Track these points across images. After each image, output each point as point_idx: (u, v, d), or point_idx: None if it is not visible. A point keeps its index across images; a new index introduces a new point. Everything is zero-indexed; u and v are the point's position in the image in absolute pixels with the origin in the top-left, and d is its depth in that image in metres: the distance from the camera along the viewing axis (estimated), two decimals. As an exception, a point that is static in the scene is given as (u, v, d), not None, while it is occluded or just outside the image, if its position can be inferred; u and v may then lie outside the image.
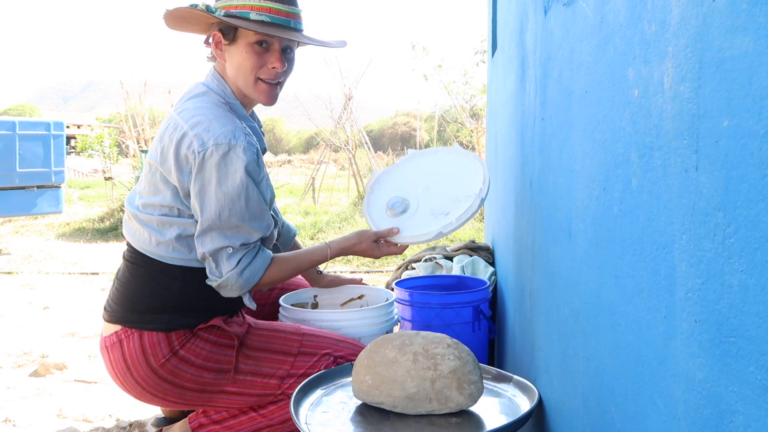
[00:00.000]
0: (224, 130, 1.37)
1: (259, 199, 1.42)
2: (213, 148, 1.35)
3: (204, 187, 1.37)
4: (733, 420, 0.43)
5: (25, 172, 6.26)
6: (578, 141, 0.88)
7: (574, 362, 0.89)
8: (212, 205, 1.37)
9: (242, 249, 1.42)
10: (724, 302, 0.45)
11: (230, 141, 1.36)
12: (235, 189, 1.37)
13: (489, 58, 3.40)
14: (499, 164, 2.33)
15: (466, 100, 8.70)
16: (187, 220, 1.43)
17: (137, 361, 1.42)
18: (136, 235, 1.47)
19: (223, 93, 1.48)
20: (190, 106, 1.44)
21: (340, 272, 4.64)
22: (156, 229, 1.43)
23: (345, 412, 1.14)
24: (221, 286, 1.42)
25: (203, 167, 1.36)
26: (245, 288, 1.43)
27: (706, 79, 0.48)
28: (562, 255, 0.98)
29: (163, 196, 1.43)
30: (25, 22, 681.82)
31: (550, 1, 1.13)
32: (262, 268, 1.45)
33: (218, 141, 1.35)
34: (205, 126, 1.37)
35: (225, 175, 1.36)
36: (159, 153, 1.42)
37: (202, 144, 1.35)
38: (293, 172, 16.21)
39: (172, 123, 1.43)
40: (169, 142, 1.40)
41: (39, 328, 3.18)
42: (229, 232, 1.39)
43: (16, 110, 39.67)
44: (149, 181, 1.46)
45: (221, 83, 1.49)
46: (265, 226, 1.45)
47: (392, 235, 1.60)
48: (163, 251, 1.43)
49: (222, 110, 1.43)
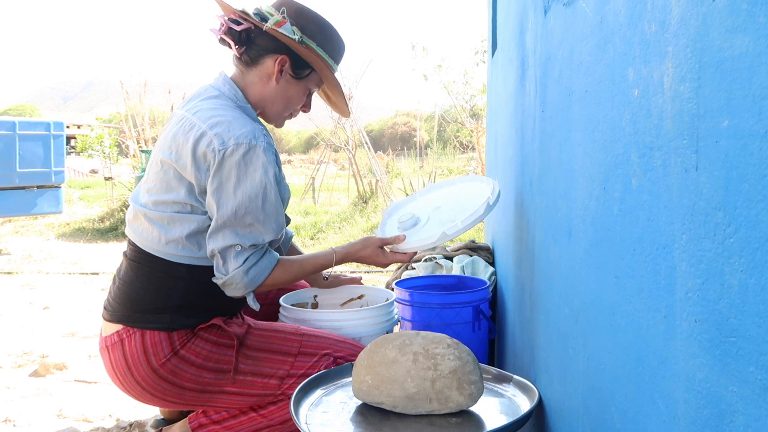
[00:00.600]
0: (245, 131, 1.38)
1: (277, 200, 1.43)
2: (234, 147, 1.36)
3: (222, 185, 1.38)
4: (733, 420, 0.43)
5: (25, 172, 6.26)
6: (578, 141, 0.88)
7: (574, 362, 0.89)
8: (229, 203, 1.38)
9: (251, 249, 1.42)
10: (724, 302, 0.45)
11: (251, 141, 1.37)
12: (254, 188, 1.38)
13: (489, 58, 3.40)
14: (499, 164, 2.33)
15: (466, 100, 8.70)
16: (200, 217, 1.43)
17: (138, 360, 1.42)
18: (143, 234, 1.46)
19: (235, 97, 1.50)
20: (206, 106, 1.44)
21: (340, 272, 4.64)
22: (166, 227, 1.43)
23: (345, 412, 1.14)
24: (226, 283, 1.42)
25: (222, 165, 1.37)
26: (249, 287, 1.44)
27: (706, 79, 0.48)
28: (562, 255, 0.98)
29: (177, 192, 1.43)
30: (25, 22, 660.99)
31: (550, 1, 1.13)
32: (268, 268, 1.46)
33: (239, 140, 1.36)
34: (225, 126, 1.38)
35: (245, 174, 1.38)
36: (173, 151, 1.42)
37: (223, 143, 1.36)
38: (293, 172, 16.20)
39: (187, 122, 1.43)
40: (184, 140, 1.40)
41: (39, 328, 3.18)
42: (242, 230, 1.40)
43: (16, 110, 39.67)
44: (161, 179, 1.45)
45: (233, 88, 1.50)
46: (278, 228, 1.46)
47: (399, 242, 1.62)
48: (171, 249, 1.43)
49: (239, 113, 1.45)
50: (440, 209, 1.74)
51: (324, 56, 1.51)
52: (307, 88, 1.56)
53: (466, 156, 11.13)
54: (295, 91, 1.54)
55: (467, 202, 1.69)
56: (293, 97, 1.55)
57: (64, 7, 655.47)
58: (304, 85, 1.54)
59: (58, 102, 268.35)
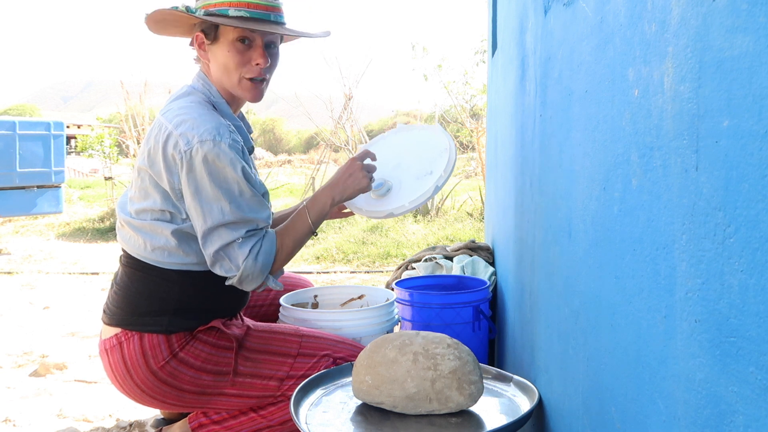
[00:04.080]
0: (208, 127, 1.36)
1: (254, 192, 1.41)
2: (198, 145, 1.34)
3: (198, 189, 1.36)
4: (733, 420, 0.43)
5: (25, 172, 6.26)
6: (578, 141, 0.88)
7: (574, 362, 0.89)
8: (213, 205, 1.37)
9: (250, 237, 1.40)
10: (724, 302, 0.45)
11: (215, 137, 1.35)
12: (229, 183, 1.37)
13: (489, 58, 3.40)
14: (499, 164, 2.33)
15: (466, 100, 8.70)
16: (181, 225, 1.41)
17: (137, 363, 1.42)
18: (130, 242, 1.46)
19: (208, 92, 1.48)
20: (175, 106, 1.44)
21: (340, 272, 4.64)
22: (150, 234, 1.42)
23: (345, 412, 1.14)
24: (242, 278, 1.40)
25: (192, 167, 1.36)
26: (265, 271, 1.42)
27: (706, 79, 0.48)
28: (562, 255, 0.98)
29: (154, 200, 1.41)
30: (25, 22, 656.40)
31: (550, 1, 1.13)
32: (273, 245, 1.45)
33: (203, 137, 1.35)
34: (189, 124, 1.36)
35: (215, 171, 1.36)
36: (146, 156, 1.41)
37: (188, 143, 1.35)
38: (293, 172, 16.20)
39: (157, 125, 1.43)
40: (155, 143, 1.39)
41: (39, 328, 3.18)
42: (234, 225, 1.39)
43: (16, 110, 39.65)
44: (139, 186, 1.45)
45: (206, 83, 1.49)
46: (267, 216, 1.44)
47: (370, 155, 1.60)
48: (159, 257, 1.42)
49: (206, 109, 1.43)
50: (401, 166, 1.71)
51: (220, 0, 1.40)
52: (229, 42, 1.43)
53: (466, 156, 11.13)
54: (221, 53, 1.44)
55: (425, 152, 1.69)
56: (225, 61, 1.44)
57: (64, 7, 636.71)
58: (223, 42, 1.43)
59: (58, 102, 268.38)
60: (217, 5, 1.39)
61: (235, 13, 1.39)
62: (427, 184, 1.61)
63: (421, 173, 1.66)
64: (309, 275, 4.42)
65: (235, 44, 1.43)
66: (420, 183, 1.64)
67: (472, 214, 6.79)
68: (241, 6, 1.39)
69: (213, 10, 1.40)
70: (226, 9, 1.39)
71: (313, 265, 4.96)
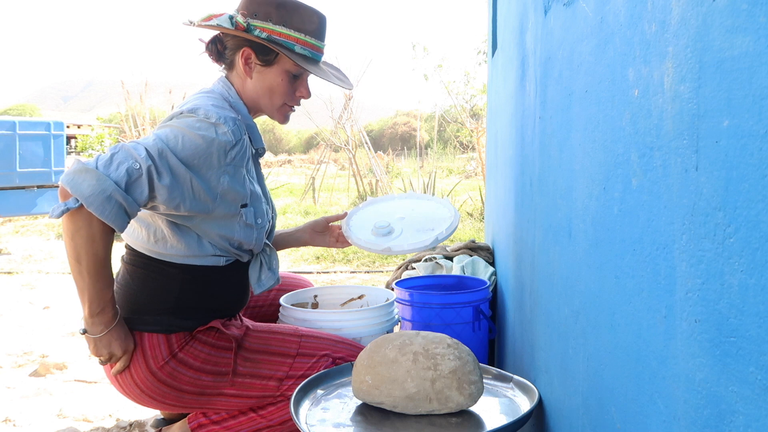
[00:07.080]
0: (217, 111, 1.36)
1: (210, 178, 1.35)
2: (203, 116, 1.34)
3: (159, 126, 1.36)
4: (733, 420, 0.43)
5: (25, 172, 6.26)
6: (578, 141, 0.88)
7: (574, 362, 0.89)
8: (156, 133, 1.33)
9: (128, 157, 1.26)
10: (724, 302, 0.45)
11: (218, 119, 1.35)
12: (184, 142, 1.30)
13: (489, 58, 3.40)
14: (499, 164, 2.33)
15: (466, 100, 8.71)
16: (181, 213, 1.39)
17: (137, 363, 1.42)
18: (134, 234, 1.46)
19: (227, 94, 1.49)
20: (190, 98, 1.46)
21: (340, 272, 4.65)
22: (150, 225, 1.43)
23: (345, 412, 1.14)
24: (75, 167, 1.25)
25: (170, 117, 1.36)
26: (80, 169, 1.24)
27: (706, 79, 0.48)
28: (562, 255, 0.98)
29: None
30: (25, 22, 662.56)
31: (550, 1, 1.13)
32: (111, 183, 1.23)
33: (208, 115, 1.35)
34: (198, 104, 1.38)
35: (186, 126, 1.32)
36: None
37: (191, 110, 1.35)
38: (293, 172, 16.21)
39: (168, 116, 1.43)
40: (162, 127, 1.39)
41: (39, 328, 3.18)
42: (139, 147, 1.27)
43: (16, 110, 39.65)
44: None
45: (229, 88, 1.50)
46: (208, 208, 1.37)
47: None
48: (161, 248, 1.43)
49: (222, 102, 1.44)
50: (405, 220, 1.84)
51: (288, 33, 1.45)
52: (285, 71, 1.49)
53: (466, 156, 11.14)
54: (271, 78, 1.49)
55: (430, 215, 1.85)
56: (274, 85, 1.50)
57: (64, 7, 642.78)
58: (278, 70, 1.49)
59: (58, 102, 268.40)
60: (284, 36, 1.46)
61: (301, 51, 1.48)
62: (427, 235, 1.71)
63: (423, 228, 1.77)
64: (309, 275, 4.42)
65: (288, 74, 1.51)
66: (421, 234, 1.74)
67: (472, 214, 6.79)
68: (307, 46, 1.49)
69: (279, 39, 1.45)
70: (293, 44, 1.47)
71: (313, 265, 4.96)
